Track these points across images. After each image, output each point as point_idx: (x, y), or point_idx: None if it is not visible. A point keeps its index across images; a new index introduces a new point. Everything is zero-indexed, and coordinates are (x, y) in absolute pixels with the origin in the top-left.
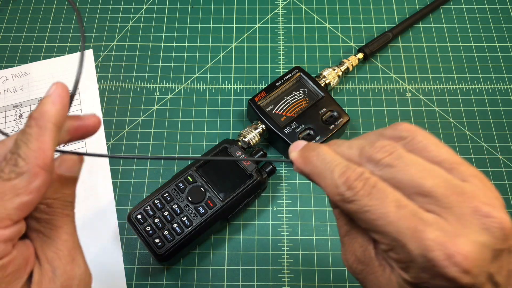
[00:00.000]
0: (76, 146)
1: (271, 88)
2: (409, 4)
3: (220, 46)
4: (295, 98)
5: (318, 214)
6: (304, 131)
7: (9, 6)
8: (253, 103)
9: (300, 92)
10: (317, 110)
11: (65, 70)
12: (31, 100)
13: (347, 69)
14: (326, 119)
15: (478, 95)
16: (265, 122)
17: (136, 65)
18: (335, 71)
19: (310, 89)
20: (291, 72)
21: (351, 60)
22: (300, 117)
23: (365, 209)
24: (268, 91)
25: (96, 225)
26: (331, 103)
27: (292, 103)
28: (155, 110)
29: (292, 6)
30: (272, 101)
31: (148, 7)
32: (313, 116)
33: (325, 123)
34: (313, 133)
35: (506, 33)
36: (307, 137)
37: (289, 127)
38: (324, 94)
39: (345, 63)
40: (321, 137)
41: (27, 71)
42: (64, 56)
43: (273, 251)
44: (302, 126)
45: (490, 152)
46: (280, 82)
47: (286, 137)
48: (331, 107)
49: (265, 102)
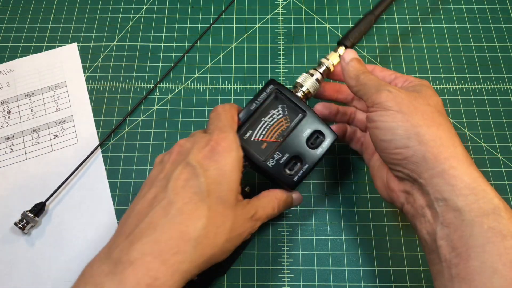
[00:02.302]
0: (69, 143)
1: (247, 114)
2: (409, 4)
3: (220, 46)
4: (274, 118)
5: (318, 214)
6: (290, 161)
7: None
8: None
9: (279, 110)
10: (300, 132)
11: (49, 64)
12: (18, 96)
13: (327, 69)
14: (311, 142)
15: (478, 95)
16: (245, 156)
17: (136, 65)
18: (313, 76)
19: (289, 105)
20: (266, 88)
21: (331, 58)
22: (283, 143)
23: None
24: (244, 119)
25: (96, 225)
26: (314, 120)
27: (272, 124)
28: (155, 110)
29: (292, 6)
30: (250, 127)
31: (148, 7)
32: (297, 140)
33: (311, 147)
34: (299, 164)
35: (506, 33)
36: (293, 169)
37: (272, 159)
38: (306, 111)
39: (324, 63)
40: (308, 165)
41: (12, 68)
42: (49, 51)
43: (273, 251)
44: (286, 156)
45: (490, 152)
46: (254, 105)
47: (272, 172)
48: (316, 126)
49: (242, 130)
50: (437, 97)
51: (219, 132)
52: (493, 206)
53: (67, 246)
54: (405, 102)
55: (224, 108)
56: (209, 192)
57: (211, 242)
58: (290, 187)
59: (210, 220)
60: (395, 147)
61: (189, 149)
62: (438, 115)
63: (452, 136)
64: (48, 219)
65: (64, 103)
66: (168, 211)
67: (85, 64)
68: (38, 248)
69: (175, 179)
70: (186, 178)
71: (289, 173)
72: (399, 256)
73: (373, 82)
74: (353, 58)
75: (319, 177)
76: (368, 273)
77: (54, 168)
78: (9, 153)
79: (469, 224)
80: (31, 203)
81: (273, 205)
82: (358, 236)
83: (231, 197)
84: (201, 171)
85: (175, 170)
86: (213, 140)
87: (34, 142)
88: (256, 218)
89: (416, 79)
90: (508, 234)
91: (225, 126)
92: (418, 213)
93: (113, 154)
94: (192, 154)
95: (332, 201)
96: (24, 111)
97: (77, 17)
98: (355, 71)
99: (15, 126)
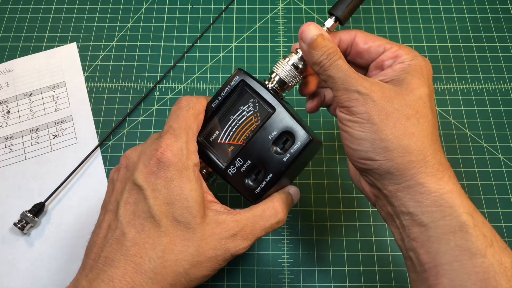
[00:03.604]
0: (68, 143)
1: (211, 110)
2: (409, 4)
3: (220, 46)
4: (243, 116)
5: (318, 214)
6: (252, 170)
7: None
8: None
9: (249, 105)
10: (266, 134)
11: (49, 64)
12: (17, 96)
13: None
14: (278, 146)
15: (479, 95)
16: (207, 163)
17: (136, 65)
18: (289, 62)
19: (259, 100)
20: (231, 80)
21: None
22: (246, 147)
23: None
24: (210, 115)
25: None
26: (284, 120)
27: (240, 123)
28: (155, 110)
29: (292, 5)
30: (217, 126)
31: (147, 6)
32: (262, 144)
33: (278, 153)
34: (262, 173)
35: (506, 33)
36: (254, 180)
37: (233, 166)
38: (275, 107)
39: None
40: (272, 175)
41: (11, 67)
42: (48, 50)
43: (273, 251)
44: (248, 163)
45: (490, 152)
46: (217, 101)
47: (232, 183)
48: (284, 126)
49: (207, 130)
50: (422, 89)
51: (168, 137)
52: (460, 224)
53: (66, 246)
54: (377, 108)
55: (189, 103)
56: (162, 216)
57: (171, 271)
58: (251, 201)
59: (167, 247)
60: (360, 157)
61: (135, 163)
62: (414, 120)
63: (424, 147)
64: (48, 219)
65: (63, 103)
66: (122, 244)
67: (85, 64)
68: (37, 248)
69: (124, 204)
70: (135, 202)
71: (251, 184)
72: (399, 256)
73: (341, 74)
74: (316, 35)
75: (319, 177)
76: (369, 274)
77: (53, 168)
78: (9, 153)
79: (436, 241)
80: (31, 203)
81: (271, 212)
82: (358, 237)
83: (190, 217)
84: (149, 192)
85: (124, 192)
86: (158, 149)
87: (33, 142)
88: (244, 236)
89: (409, 54)
90: (477, 252)
91: (180, 127)
92: (388, 218)
93: (112, 154)
94: (138, 171)
95: (332, 202)
96: (24, 111)
97: (77, 16)
98: (318, 55)
99: (14, 126)
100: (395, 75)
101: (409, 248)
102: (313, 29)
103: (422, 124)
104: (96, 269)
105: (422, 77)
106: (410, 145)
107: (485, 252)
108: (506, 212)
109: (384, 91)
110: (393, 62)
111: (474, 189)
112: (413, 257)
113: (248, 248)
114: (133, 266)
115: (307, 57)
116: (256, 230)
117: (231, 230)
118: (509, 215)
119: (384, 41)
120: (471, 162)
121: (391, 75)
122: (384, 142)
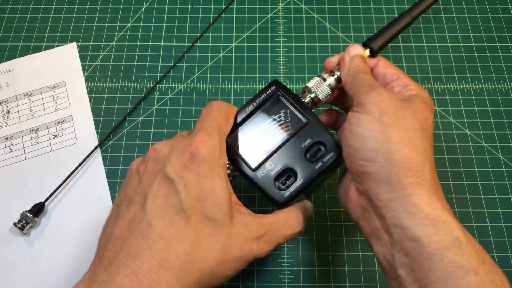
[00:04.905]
0: (68, 143)
1: (243, 116)
2: (409, 3)
3: (220, 45)
4: (273, 124)
5: (319, 214)
6: (282, 174)
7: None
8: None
9: (280, 115)
10: (299, 142)
11: (48, 64)
12: (17, 96)
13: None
14: (311, 154)
15: (479, 95)
16: (234, 164)
17: (136, 65)
18: (325, 82)
19: (292, 111)
20: (267, 89)
21: None
22: (278, 152)
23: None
24: (240, 121)
25: (95, 225)
26: (318, 131)
27: (271, 131)
28: (155, 110)
29: (292, 5)
30: (247, 131)
31: (147, 6)
32: (294, 150)
33: (310, 160)
34: (293, 178)
35: (506, 33)
36: (284, 184)
37: (262, 169)
38: (310, 118)
39: None
40: (303, 181)
41: (11, 67)
42: (48, 50)
43: (273, 252)
44: (279, 167)
45: (490, 152)
46: (251, 106)
47: (260, 185)
48: (318, 136)
49: (234, 134)
50: (428, 113)
51: (202, 134)
52: (454, 239)
53: (66, 246)
54: (390, 110)
55: (220, 106)
56: (192, 211)
57: (197, 268)
58: (277, 205)
59: (195, 243)
60: (360, 158)
61: (166, 156)
62: (419, 134)
63: (424, 160)
64: (48, 219)
65: (63, 103)
66: (148, 237)
67: (85, 64)
68: (37, 248)
69: (153, 196)
70: (165, 195)
71: (280, 188)
72: None
73: (367, 81)
74: (358, 54)
75: None
76: (369, 274)
77: (53, 168)
78: (8, 153)
79: (429, 257)
80: (30, 203)
81: (294, 222)
82: (359, 237)
83: (220, 214)
84: (181, 186)
85: (153, 185)
86: (192, 144)
87: (33, 142)
88: (268, 241)
89: (417, 87)
90: (471, 269)
91: (212, 127)
92: (374, 234)
93: (112, 154)
94: (170, 164)
95: (332, 202)
96: (23, 111)
97: (77, 16)
98: (355, 68)
99: (14, 126)
100: (403, 97)
101: (399, 265)
102: (358, 48)
103: (425, 141)
104: (116, 263)
105: (427, 105)
106: (412, 153)
107: (478, 269)
108: (506, 212)
109: (399, 101)
110: (402, 89)
111: (474, 189)
112: (403, 274)
113: (269, 253)
114: (159, 261)
115: (345, 68)
116: (278, 236)
117: (256, 233)
118: (509, 215)
119: (400, 72)
120: (471, 162)
121: (400, 96)
122: (388, 144)
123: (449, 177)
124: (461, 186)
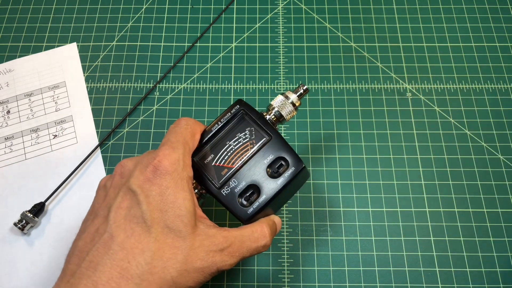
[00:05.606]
0: (68, 143)
1: (208, 134)
2: (409, 4)
3: (220, 46)
4: (239, 142)
5: (318, 214)
6: (246, 190)
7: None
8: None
9: (246, 133)
10: (261, 158)
11: (49, 64)
12: (17, 96)
13: (304, 92)
14: (273, 170)
15: (479, 95)
16: (200, 183)
17: (136, 65)
18: (289, 100)
19: (256, 128)
20: (231, 108)
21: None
22: (242, 169)
23: None
24: (206, 140)
25: None
26: (280, 147)
27: (236, 149)
28: (155, 110)
29: (292, 6)
30: (213, 150)
31: (147, 6)
32: (258, 167)
33: (272, 176)
34: (256, 194)
35: (506, 33)
36: (248, 201)
37: (227, 186)
38: (272, 135)
39: (303, 87)
40: (266, 197)
41: (11, 67)
42: (48, 51)
43: (273, 251)
44: (243, 184)
45: (490, 152)
46: (217, 126)
47: (225, 202)
48: (280, 152)
49: (202, 152)
50: None
51: (166, 148)
52: None
53: (66, 246)
54: None
55: (187, 122)
56: (154, 221)
57: (158, 278)
58: (242, 221)
59: (156, 253)
60: None
61: (131, 170)
62: None
63: None
64: (48, 219)
65: (63, 103)
66: (109, 247)
67: (85, 64)
68: (37, 248)
69: (116, 208)
70: (128, 206)
71: (244, 204)
72: (399, 256)
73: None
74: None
75: (319, 177)
76: (369, 274)
77: (53, 168)
78: (9, 153)
79: None
80: (31, 203)
81: (258, 235)
82: (358, 237)
83: (181, 225)
84: (143, 197)
85: (117, 197)
86: (156, 158)
87: (33, 142)
88: (231, 253)
89: None
90: None
91: (177, 141)
92: None
93: (112, 154)
94: (133, 177)
95: (332, 201)
96: (24, 111)
97: (77, 16)
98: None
99: (14, 126)
100: None
101: None
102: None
103: None
104: (78, 274)
105: None
106: None
107: None
108: (506, 212)
109: None
110: None
111: (474, 189)
112: None
113: (233, 266)
114: (119, 271)
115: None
116: (242, 249)
117: (219, 245)
118: (509, 215)
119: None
120: (471, 162)
121: None
122: None
123: (449, 177)
124: (461, 186)
